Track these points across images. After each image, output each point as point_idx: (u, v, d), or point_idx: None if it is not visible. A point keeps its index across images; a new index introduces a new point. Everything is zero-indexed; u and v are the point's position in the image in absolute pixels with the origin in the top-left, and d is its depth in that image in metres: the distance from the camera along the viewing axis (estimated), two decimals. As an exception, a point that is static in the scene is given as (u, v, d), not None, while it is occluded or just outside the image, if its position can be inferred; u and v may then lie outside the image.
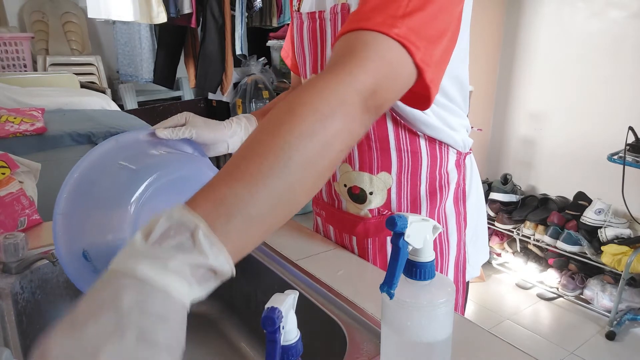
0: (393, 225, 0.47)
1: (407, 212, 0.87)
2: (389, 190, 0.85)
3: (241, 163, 0.43)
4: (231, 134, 0.79)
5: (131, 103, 3.46)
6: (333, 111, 0.47)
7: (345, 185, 0.88)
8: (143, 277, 0.34)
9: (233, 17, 3.19)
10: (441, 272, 0.90)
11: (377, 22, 0.55)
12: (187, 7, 2.94)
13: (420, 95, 0.62)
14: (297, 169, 0.44)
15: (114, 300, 0.33)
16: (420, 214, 0.87)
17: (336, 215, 0.93)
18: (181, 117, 0.73)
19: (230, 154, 0.67)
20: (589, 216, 2.47)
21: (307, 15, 0.83)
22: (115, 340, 0.31)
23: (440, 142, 0.83)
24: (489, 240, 2.92)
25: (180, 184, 0.63)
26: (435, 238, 0.88)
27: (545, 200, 2.75)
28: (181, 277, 0.35)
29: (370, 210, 0.87)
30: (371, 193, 0.85)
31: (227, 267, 0.38)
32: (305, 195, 0.47)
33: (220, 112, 3.70)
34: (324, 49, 0.82)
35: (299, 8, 0.86)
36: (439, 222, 0.88)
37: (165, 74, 3.38)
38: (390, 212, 0.86)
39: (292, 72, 1.06)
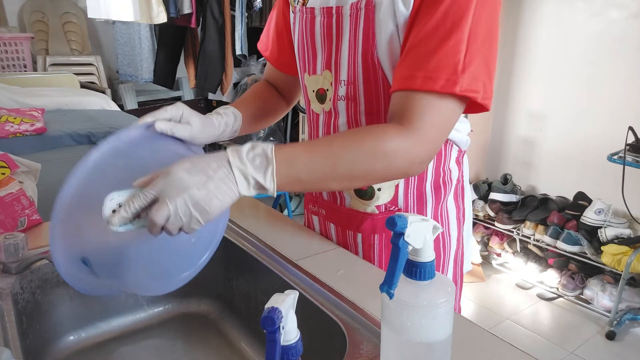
0: (393, 225, 0.47)
1: (414, 207, 0.88)
2: (397, 186, 0.86)
3: (319, 147, 0.67)
4: (219, 135, 0.82)
5: (131, 103, 3.46)
6: (396, 168, 0.69)
7: None
8: (233, 172, 0.60)
9: (233, 17, 3.18)
10: (442, 266, 0.92)
11: (442, 84, 0.66)
12: (187, 7, 2.94)
13: (477, 110, 0.75)
14: (340, 178, 0.67)
15: (213, 170, 0.59)
16: (425, 209, 0.88)
17: (339, 212, 0.93)
18: (177, 110, 0.72)
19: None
20: (589, 216, 2.47)
21: (322, 10, 0.82)
22: (196, 189, 0.57)
23: (447, 139, 0.84)
24: (489, 240, 2.92)
25: None
26: (439, 234, 0.89)
27: (545, 200, 2.75)
28: (247, 183, 0.60)
29: (378, 207, 0.87)
30: (379, 189, 0.86)
31: (271, 190, 0.62)
32: (334, 189, 0.86)
33: (220, 112, 3.69)
34: (340, 45, 0.81)
35: (304, 2, 0.85)
36: (442, 218, 0.90)
37: (165, 74, 3.38)
38: (397, 208, 0.88)
39: (269, 64, 1.04)
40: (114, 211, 0.56)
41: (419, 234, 0.48)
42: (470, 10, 0.67)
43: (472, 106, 0.72)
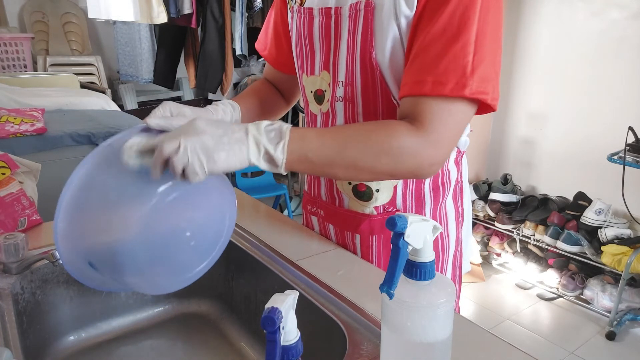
0: (393, 226, 0.47)
1: (412, 208, 0.88)
2: (395, 187, 0.86)
3: (331, 132, 0.70)
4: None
5: (131, 103, 3.46)
6: (405, 166, 0.70)
7: (350, 183, 0.88)
8: (249, 137, 0.64)
9: (233, 17, 3.19)
10: (440, 268, 0.92)
11: (451, 87, 0.67)
12: (187, 7, 2.94)
13: (485, 111, 0.75)
14: (345, 166, 0.69)
15: (231, 130, 0.63)
16: (424, 210, 0.88)
17: (337, 213, 0.93)
18: (165, 109, 0.72)
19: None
20: (589, 216, 2.47)
21: (321, 11, 0.82)
22: (210, 137, 0.61)
23: None
24: (489, 240, 2.92)
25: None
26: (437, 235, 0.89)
27: (545, 200, 2.75)
28: (258, 151, 0.64)
29: (376, 208, 0.87)
30: (377, 190, 0.86)
31: (280, 162, 0.65)
32: (340, 177, 0.82)
33: (220, 112, 3.69)
34: (338, 46, 0.81)
35: (302, 3, 0.85)
36: (440, 219, 0.90)
37: (165, 74, 3.38)
38: (395, 209, 0.87)
39: (268, 64, 1.04)
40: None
41: (419, 234, 0.48)
42: (476, 11, 0.67)
43: (481, 107, 0.73)
